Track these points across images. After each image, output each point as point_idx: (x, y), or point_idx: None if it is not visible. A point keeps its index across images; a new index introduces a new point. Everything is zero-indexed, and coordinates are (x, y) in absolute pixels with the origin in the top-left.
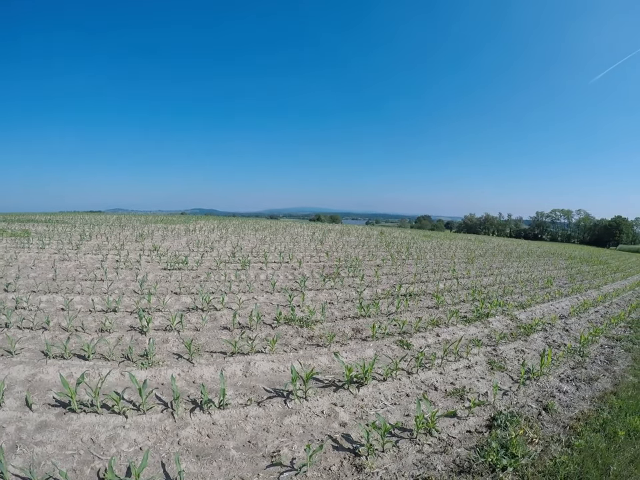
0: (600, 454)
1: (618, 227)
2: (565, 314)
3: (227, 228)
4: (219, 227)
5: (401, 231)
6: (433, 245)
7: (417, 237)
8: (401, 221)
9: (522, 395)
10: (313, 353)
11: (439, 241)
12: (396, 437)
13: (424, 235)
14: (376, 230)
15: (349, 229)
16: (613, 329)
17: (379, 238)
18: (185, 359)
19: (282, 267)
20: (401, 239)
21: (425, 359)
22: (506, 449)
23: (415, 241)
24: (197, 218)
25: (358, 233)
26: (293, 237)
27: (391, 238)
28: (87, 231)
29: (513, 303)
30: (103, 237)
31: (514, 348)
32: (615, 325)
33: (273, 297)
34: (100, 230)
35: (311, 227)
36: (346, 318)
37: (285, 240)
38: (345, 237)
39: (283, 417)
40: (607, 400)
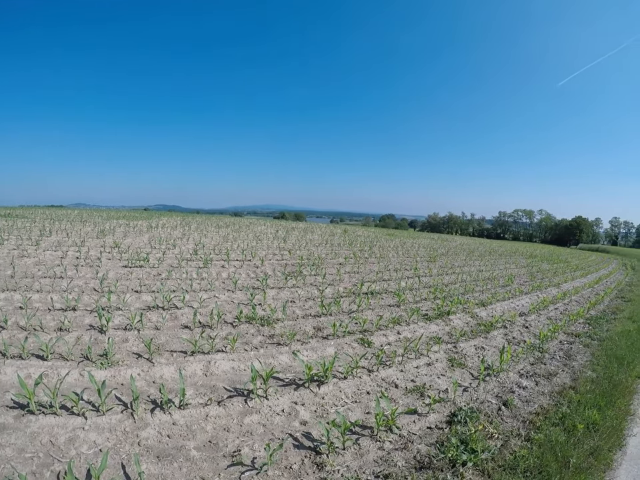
0: (559, 447)
1: (578, 227)
2: (525, 311)
3: (190, 225)
4: (182, 224)
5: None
6: (395, 244)
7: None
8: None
9: (482, 391)
10: (273, 351)
11: (401, 239)
12: (357, 434)
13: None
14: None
15: (312, 227)
16: (572, 325)
17: (342, 236)
18: (145, 358)
19: (244, 265)
20: (364, 238)
21: (385, 357)
22: (466, 444)
23: (378, 239)
24: (160, 214)
25: (322, 231)
26: (256, 235)
27: (355, 236)
28: (47, 227)
29: (474, 301)
30: (63, 232)
31: (474, 345)
32: (574, 322)
33: (234, 295)
34: (60, 225)
35: (274, 224)
36: (307, 316)
37: (248, 238)
38: (308, 235)
39: (243, 416)
40: (565, 394)
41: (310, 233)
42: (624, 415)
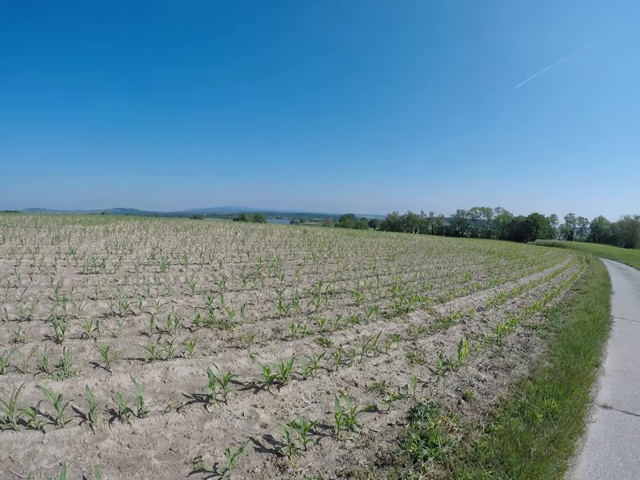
0: (519, 437)
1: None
2: (483, 306)
3: (148, 228)
4: (140, 228)
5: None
6: (355, 243)
7: (340, 236)
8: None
9: (441, 385)
10: (232, 355)
11: (361, 239)
12: (318, 434)
13: (347, 234)
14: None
15: (272, 228)
16: (530, 318)
17: (301, 237)
18: (102, 367)
19: (202, 268)
20: (323, 238)
21: (344, 356)
22: (426, 439)
23: (337, 239)
24: (117, 218)
25: (281, 232)
26: (214, 238)
27: (314, 237)
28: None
29: (433, 298)
30: (17, 239)
31: (433, 341)
32: (531, 315)
33: (192, 299)
34: (14, 232)
35: (233, 226)
36: (266, 318)
37: (207, 240)
38: (267, 237)
39: (203, 421)
40: (524, 385)
41: (269, 234)
42: (583, 402)
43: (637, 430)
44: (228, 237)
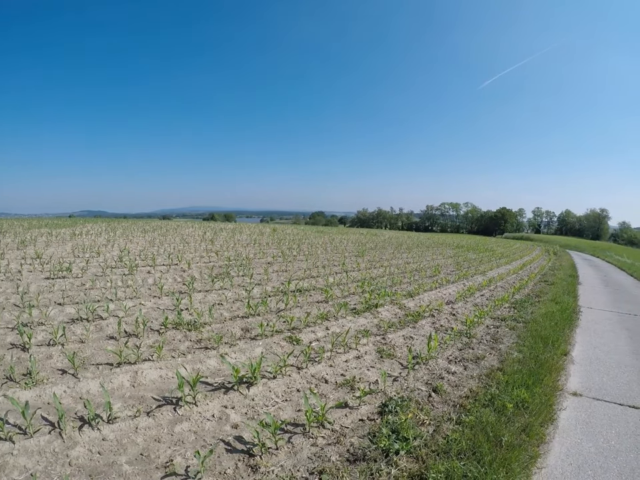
0: (490, 427)
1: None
2: (452, 299)
3: (116, 231)
4: (107, 230)
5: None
6: (324, 241)
7: (310, 233)
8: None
9: (412, 379)
10: (201, 356)
11: (330, 236)
12: (289, 433)
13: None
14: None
15: (241, 227)
16: (498, 310)
17: (271, 235)
18: (70, 374)
19: (171, 269)
20: (293, 236)
21: (314, 353)
22: (397, 433)
23: (307, 237)
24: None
25: (250, 231)
26: (183, 238)
27: (283, 235)
28: None
29: (402, 293)
30: None
31: (403, 335)
32: (500, 307)
33: (160, 301)
34: None
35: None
36: (235, 318)
37: (175, 241)
38: (236, 236)
39: (173, 425)
40: (494, 376)
41: (238, 233)
42: (553, 391)
43: (607, 415)
44: (197, 237)
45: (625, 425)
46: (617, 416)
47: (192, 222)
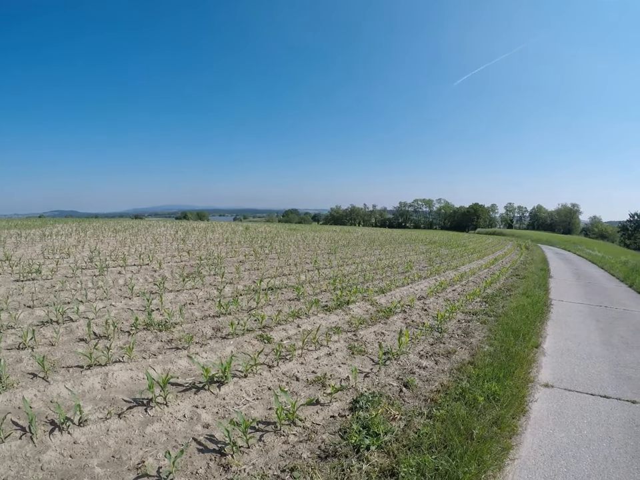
0: (461, 421)
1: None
2: (423, 295)
3: (86, 231)
4: (78, 230)
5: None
6: (297, 238)
7: (282, 231)
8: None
9: (383, 375)
10: (172, 356)
11: (303, 233)
12: (261, 431)
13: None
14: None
15: (214, 225)
16: (470, 304)
17: (243, 234)
18: (41, 377)
19: (142, 269)
20: (265, 234)
21: (285, 351)
22: (368, 428)
23: (279, 234)
24: (54, 221)
25: (223, 229)
26: (154, 237)
27: (256, 233)
28: None
29: (374, 289)
30: None
31: (374, 331)
32: (472, 301)
33: (131, 302)
34: None
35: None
36: (206, 317)
37: (147, 240)
38: (208, 235)
39: (145, 426)
40: (465, 370)
41: (210, 232)
42: (524, 383)
43: (578, 406)
44: (168, 236)
45: (596, 414)
46: (589, 406)
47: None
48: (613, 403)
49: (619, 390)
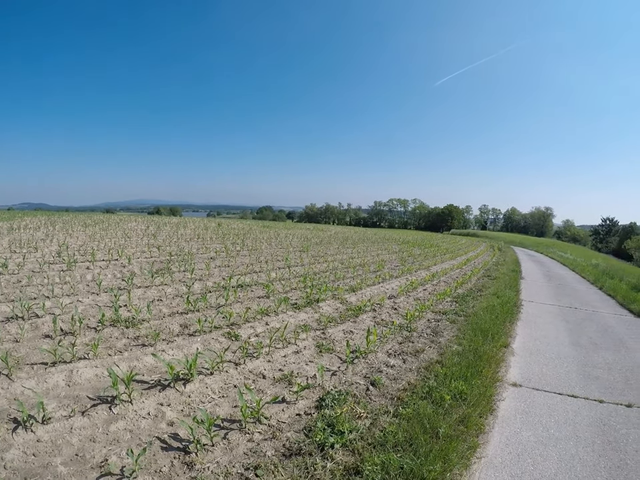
0: (427, 419)
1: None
2: (394, 294)
3: (55, 225)
4: (47, 224)
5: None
6: (269, 235)
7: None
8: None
9: (350, 373)
10: (138, 353)
11: (276, 231)
12: (226, 429)
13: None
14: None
15: (186, 221)
16: (440, 304)
17: (215, 230)
18: (4, 374)
19: (110, 264)
20: (238, 230)
21: (252, 349)
22: (333, 427)
23: (252, 231)
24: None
25: (195, 225)
26: (125, 232)
27: (229, 229)
28: None
29: (344, 287)
30: None
31: (343, 330)
32: (442, 301)
33: (99, 297)
34: None
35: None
36: (174, 314)
37: (117, 235)
38: (180, 230)
39: (109, 424)
40: (432, 369)
41: (182, 227)
42: (492, 382)
43: (546, 405)
44: (139, 231)
45: (564, 413)
46: (556, 405)
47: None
48: (580, 402)
49: (587, 389)
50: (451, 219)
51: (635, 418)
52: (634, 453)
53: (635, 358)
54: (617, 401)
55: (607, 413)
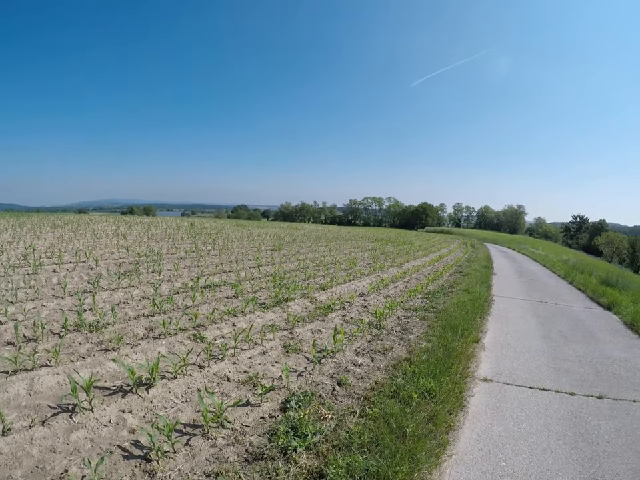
0: (394, 419)
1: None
2: (364, 292)
3: (23, 226)
4: (14, 226)
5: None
6: (242, 234)
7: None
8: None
9: (317, 373)
10: (101, 358)
11: (249, 229)
12: (188, 434)
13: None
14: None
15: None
16: (411, 301)
17: (188, 230)
18: None
19: (78, 267)
20: (210, 230)
21: (218, 351)
22: (296, 429)
23: (224, 230)
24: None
25: (167, 225)
26: (95, 233)
27: (201, 229)
28: None
29: (314, 286)
30: None
31: (311, 329)
32: (413, 297)
33: (64, 301)
34: None
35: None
36: (140, 317)
37: (86, 236)
38: (152, 230)
39: (69, 433)
40: (400, 367)
41: (154, 227)
42: (462, 378)
43: (516, 399)
44: (109, 231)
45: (535, 407)
46: (527, 399)
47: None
48: (551, 395)
49: (558, 383)
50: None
51: (606, 409)
52: (606, 444)
53: (604, 350)
54: (587, 393)
55: (578, 405)
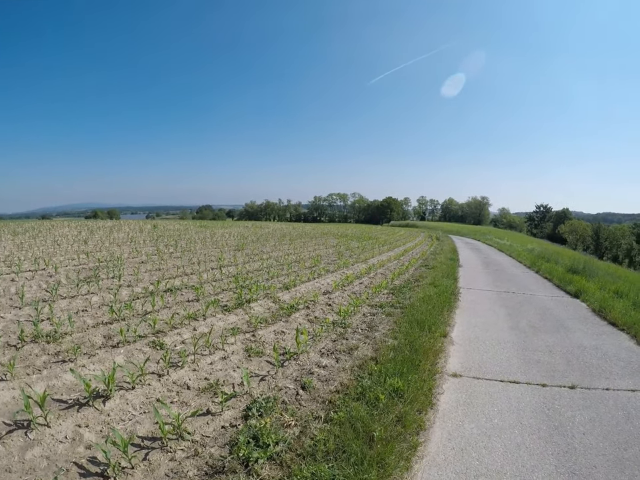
0: (361, 423)
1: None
2: (329, 289)
3: None
4: None
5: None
6: (205, 235)
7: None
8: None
9: (280, 377)
10: (58, 370)
11: (212, 230)
12: (147, 448)
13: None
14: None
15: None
16: (377, 297)
17: (150, 232)
18: None
19: (36, 275)
20: (174, 232)
21: (178, 357)
22: (257, 439)
23: (188, 232)
24: None
25: (130, 228)
26: (55, 239)
27: (164, 231)
28: None
29: (278, 285)
30: None
31: (274, 330)
32: (378, 293)
33: (21, 312)
34: None
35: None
36: (98, 325)
37: (47, 243)
38: (113, 234)
39: (24, 451)
40: (366, 367)
41: (116, 231)
42: (430, 375)
43: (487, 394)
44: (70, 237)
45: (506, 401)
46: (499, 393)
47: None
48: (523, 388)
49: (529, 374)
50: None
51: (579, 399)
52: (581, 436)
53: (574, 339)
54: (559, 384)
55: (550, 397)
